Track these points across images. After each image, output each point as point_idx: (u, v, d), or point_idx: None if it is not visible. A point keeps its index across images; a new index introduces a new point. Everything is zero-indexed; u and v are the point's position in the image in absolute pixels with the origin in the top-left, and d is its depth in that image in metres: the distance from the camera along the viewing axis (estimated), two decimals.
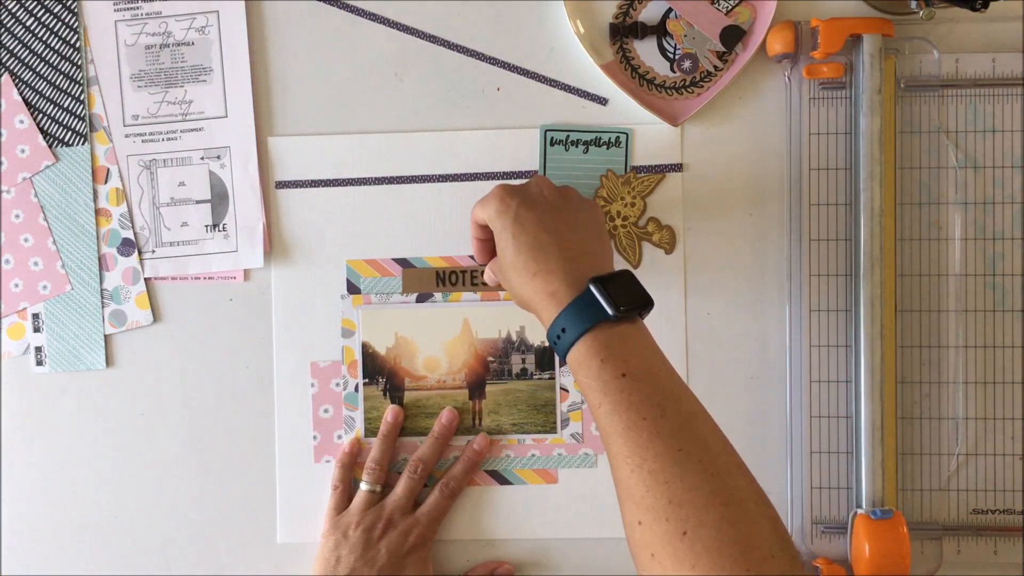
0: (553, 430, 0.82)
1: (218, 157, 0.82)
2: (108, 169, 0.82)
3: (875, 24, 0.76)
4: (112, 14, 0.82)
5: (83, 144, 0.82)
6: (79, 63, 0.82)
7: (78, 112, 0.82)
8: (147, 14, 0.82)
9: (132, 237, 0.82)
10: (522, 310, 0.70)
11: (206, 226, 0.82)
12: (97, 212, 0.82)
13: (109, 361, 0.83)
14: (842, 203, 0.79)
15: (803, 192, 0.79)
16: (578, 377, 0.64)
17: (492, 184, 0.81)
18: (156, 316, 0.83)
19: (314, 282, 0.82)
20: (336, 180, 0.82)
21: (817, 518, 0.79)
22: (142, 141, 0.82)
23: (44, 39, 0.82)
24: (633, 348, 0.63)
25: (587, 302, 0.64)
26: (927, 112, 0.79)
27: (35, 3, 0.82)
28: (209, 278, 0.83)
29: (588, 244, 0.69)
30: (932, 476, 0.79)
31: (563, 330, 0.64)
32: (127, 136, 0.82)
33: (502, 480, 0.82)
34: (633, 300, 0.64)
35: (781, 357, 0.81)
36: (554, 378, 0.82)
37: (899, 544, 0.74)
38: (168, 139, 0.82)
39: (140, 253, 0.82)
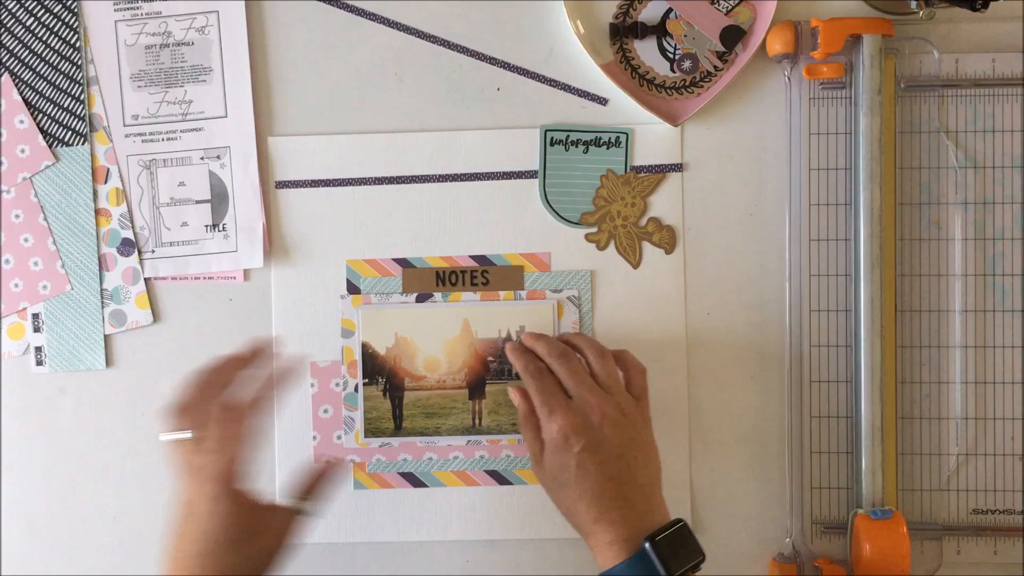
0: None
1: (218, 157, 0.82)
2: (108, 169, 0.82)
3: (875, 24, 0.76)
4: (112, 14, 0.82)
5: (83, 144, 0.82)
6: (79, 63, 0.82)
7: (78, 112, 0.82)
8: (147, 14, 0.82)
9: (132, 237, 0.82)
10: (522, 310, 0.70)
11: (206, 226, 0.82)
12: (97, 212, 0.82)
13: (109, 361, 0.83)
14: (842, 203, 0.79)
15: (803, 192, 0.79)
16: None
17: (492, 184, 0.81)
18: (156, 316, 0.83)
19: (314, 282, 0.82)
20: (336, 180, 0.82)
21: (817, 518, 0.79)
22: (142, 141, 0.82)
23: (44, 39, 0.82)
24: None
25: (643, 563, 0.67)
26: (927, 112, 0.79)
27: (35, 3, 0.82)
28: (209, 278, 0.83)
29: (645, 491, 0.71)
30: (932, 476, 0.79)
31: None
32: (127, 136, 0.82)
33: (502, 480, 0.82)
34: (686, 560, 0.68)
35: (781, 356, 0.81)
36: None
37: (899, 544, 0.74)
38: (168, 139, 0.82)
39: (140, 253, 0.82)
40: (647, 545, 0.68)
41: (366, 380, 0.82)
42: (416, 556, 0.82)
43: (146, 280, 0.82)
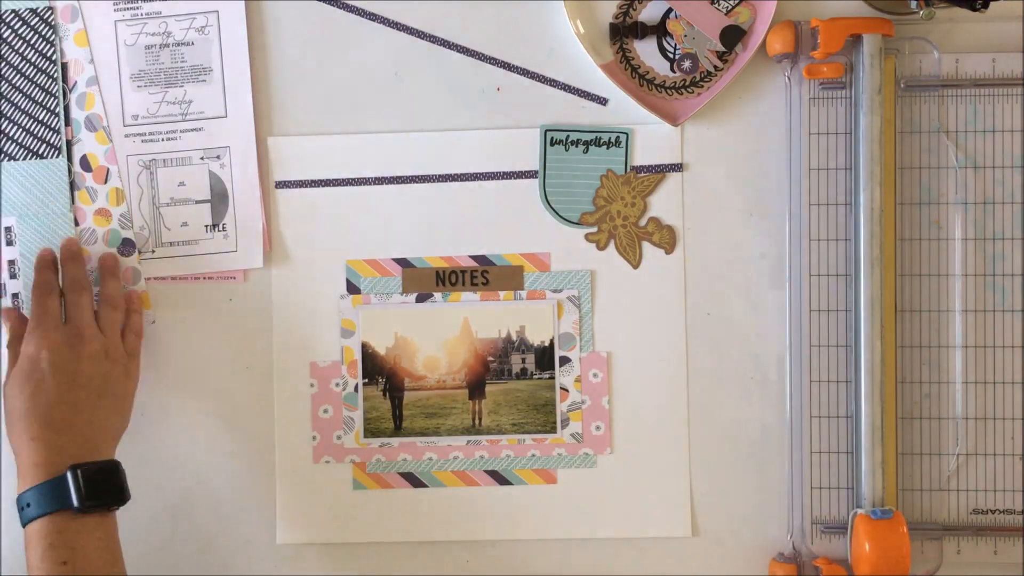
0: (553, 430, 0.82)
1: (218, 157, 0.82)
2: (108, 169, 0.82)
3: (875, 24, 0.76)
4: (112, 14, 0.81)
5: (58, 157, 0.81)
6: (55, 76, 0.81)
7: (53, 125, 0.81)
8: (147, 14, 0.82)
9: (132, 237, 0.82)
10: (523, 310, 0.70)
11: (206, 226, 0.82)
12: (97, 212, 0.82)
13: None
14: (842, 203, 0.79)
15: (803, 192, 0.79)
16: (27, 552, 0.70)
17: (492, 184, 0.82)
18: (156, 316, 0.82)
19: (314, 282, 0.82)
20: (336, 180, 0.82)
21: (817, 518, 0.79)
22: (142, 141, 0.82)
23: (19, 50, 0.81)
24: (86, 541, 0.69)
25: (59, 486, 0.69)
26: (927, 112, 0.79)
27: (11, 13, 0.81)
28: (209, 278, 0.82)
29: (96, 433, 0.73)
30: (932, 476, 0.79)
31: (28, 504, 0.70)
32: (127, 136, 0.82)
33: (502, 480, 0.82)
34: (103, 496, 0.70)
35: (781, 357, 0.81)
36: (554, 378, 0.82)
37: (899, 544, 0.74)
38: (168, 139, 0.82)
39: (140, 253, 0.82)
40: (69, 472, 0.69)
41: (366, 380, 0.82)
42: (416, 556, 0.82)
43: (146, 280, 0.82)
